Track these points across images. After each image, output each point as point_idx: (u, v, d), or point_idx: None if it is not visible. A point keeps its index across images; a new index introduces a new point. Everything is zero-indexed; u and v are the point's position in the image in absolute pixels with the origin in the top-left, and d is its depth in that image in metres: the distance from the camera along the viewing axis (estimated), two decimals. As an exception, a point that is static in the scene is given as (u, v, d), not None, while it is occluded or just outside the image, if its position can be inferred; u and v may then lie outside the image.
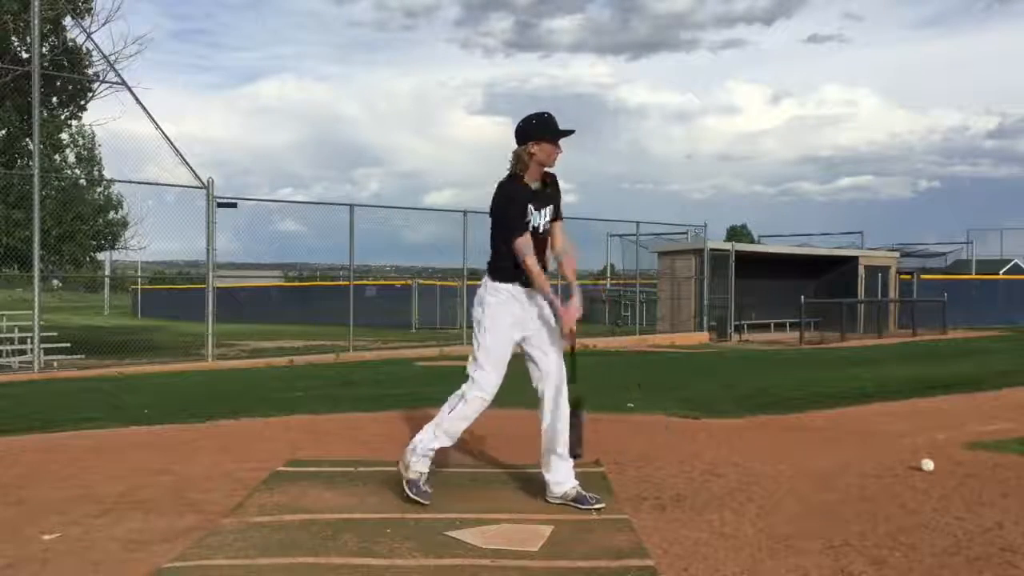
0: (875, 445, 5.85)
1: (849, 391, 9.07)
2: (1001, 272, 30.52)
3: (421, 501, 4.15)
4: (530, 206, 4.21)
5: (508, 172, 4.27)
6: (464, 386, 4.26)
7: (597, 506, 4.14)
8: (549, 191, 4.30)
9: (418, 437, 4.30)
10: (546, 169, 4.28)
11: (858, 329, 22.23)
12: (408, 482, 4.23)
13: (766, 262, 22.52)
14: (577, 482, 4.26)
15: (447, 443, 4.31)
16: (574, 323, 4.21)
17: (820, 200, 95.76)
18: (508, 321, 4.23)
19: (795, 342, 19.05)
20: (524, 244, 4.16)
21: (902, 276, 25.80)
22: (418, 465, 4.26)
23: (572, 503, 4.19)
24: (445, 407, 4.30)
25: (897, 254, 27.00)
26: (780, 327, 22.55)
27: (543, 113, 4.24)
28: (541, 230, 4.26)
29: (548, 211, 4.29)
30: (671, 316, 21.22)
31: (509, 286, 4.25)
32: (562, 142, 4.23)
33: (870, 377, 10.72)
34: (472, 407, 4.23)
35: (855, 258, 24.44)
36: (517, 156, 4.23)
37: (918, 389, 9.14)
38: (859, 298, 23.42)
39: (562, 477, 4.26)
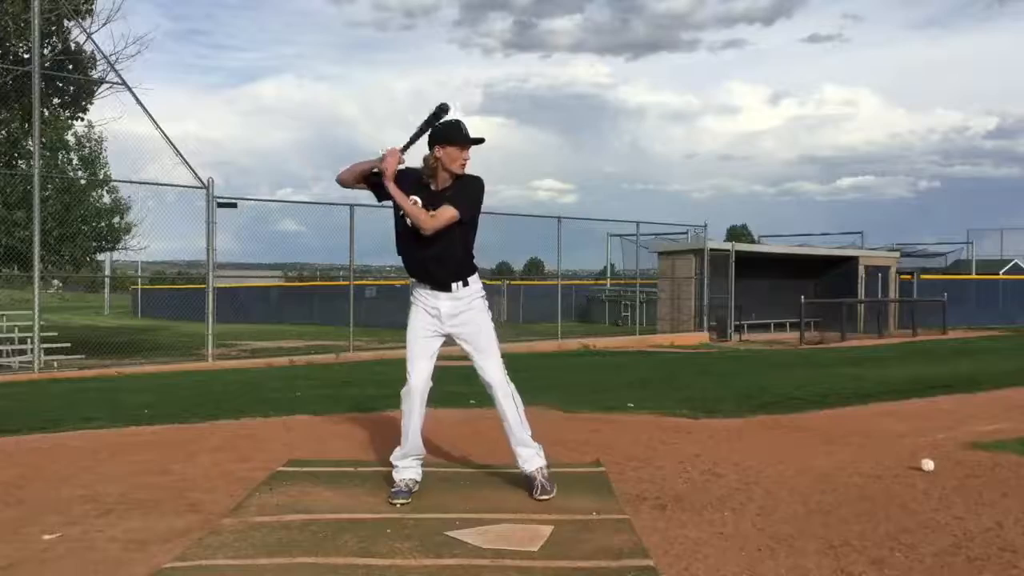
0: (875, 445, 5.85)
1: (849, 391, 9.07)
2: (1001, 272, 30.53)
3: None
4: (416, 198, 4.29)
5: None
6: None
7: (541, 496, 4.26)
8: (452, 192, 4.30)
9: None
10: (466, 172, 4.33)
11: (858, 329, 22.23)
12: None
13: (766, 262, 22.52)
14: (541, 467, 4.39)
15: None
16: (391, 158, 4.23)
17: (820, 200, 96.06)
18: (419, 319, 4.44)
19: (795, 342, 19.05)
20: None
21: (902, 276, 25.81)
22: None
23: (531, 486, 4.34)
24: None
25: (897, 254, 27.00)
26: (780, 327, 22.55)
27: (453, 120, 4.30)
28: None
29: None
30: (671, 316, 21.22)
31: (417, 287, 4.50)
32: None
33: (870, 377, 10.72)
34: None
35: (855, 258, 24.44)
36: (424, 160, 4.33)
37: (918, 389, 9.14)
38: (859, 298, 23.42)
39: (526, 460, 4.43)
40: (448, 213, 4.23)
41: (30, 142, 13.18)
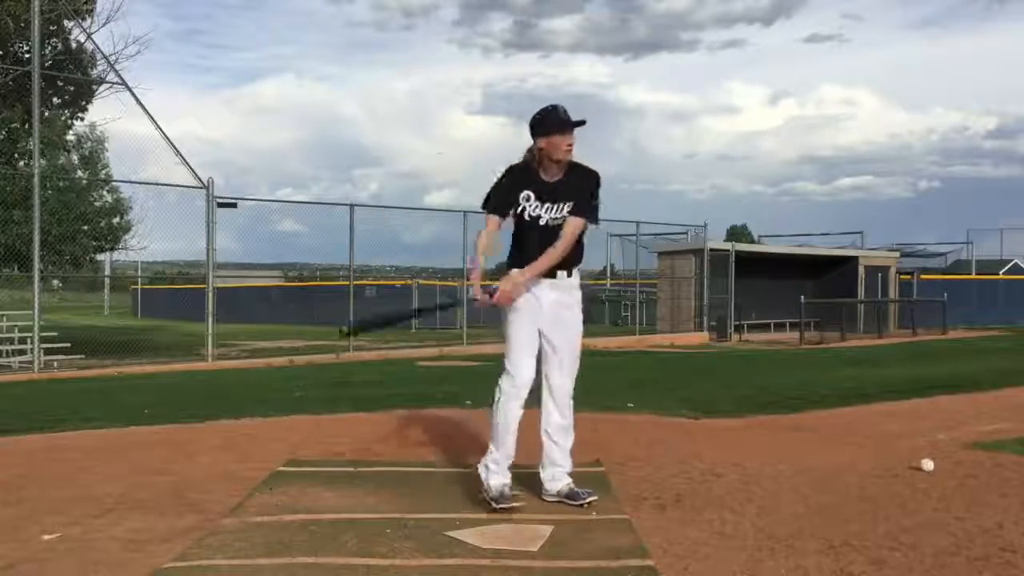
0: (875, 445, 5.85)
1: (849, 391, 9.07)
2: (1001, 272, 30.55)
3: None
4: (529, 193, 4.20)
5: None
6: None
7: (590, 499, 4.15)
8: (570, 185, 4.19)
9: None
10: (575, 161, 4.22)
11: (858, 329, 22.23)
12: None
13: (766, 262, 22.54)
14: (571, 479, 4.28)
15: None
16: (504, 292, 4.11)
17: (820, 200, 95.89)
18: (523, 310, 4.21)
19: (795, 342, 19.05)
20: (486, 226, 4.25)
21: (902, 276, 25.81)
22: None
23: (565, 499, 4.21)
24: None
25: (897, 254, 27.02)
26: (780, 327, 22.55)
27: (548, 106, 4.20)
28: (544, 223, 4.21)
29: (563, 207, 4.20)
30: (671, 316, 21.23)
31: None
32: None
33: (870, 377, 10.72)
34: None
35: (855, 258, 24.45)
36: (529, 151, 4.23)
37: (918, 389, 9.13)
38: (859, 298, 23.42)
39: (556, 475, 4.28)
40: (575, 225, 4.18)
41: (30, 142, 13.19)
